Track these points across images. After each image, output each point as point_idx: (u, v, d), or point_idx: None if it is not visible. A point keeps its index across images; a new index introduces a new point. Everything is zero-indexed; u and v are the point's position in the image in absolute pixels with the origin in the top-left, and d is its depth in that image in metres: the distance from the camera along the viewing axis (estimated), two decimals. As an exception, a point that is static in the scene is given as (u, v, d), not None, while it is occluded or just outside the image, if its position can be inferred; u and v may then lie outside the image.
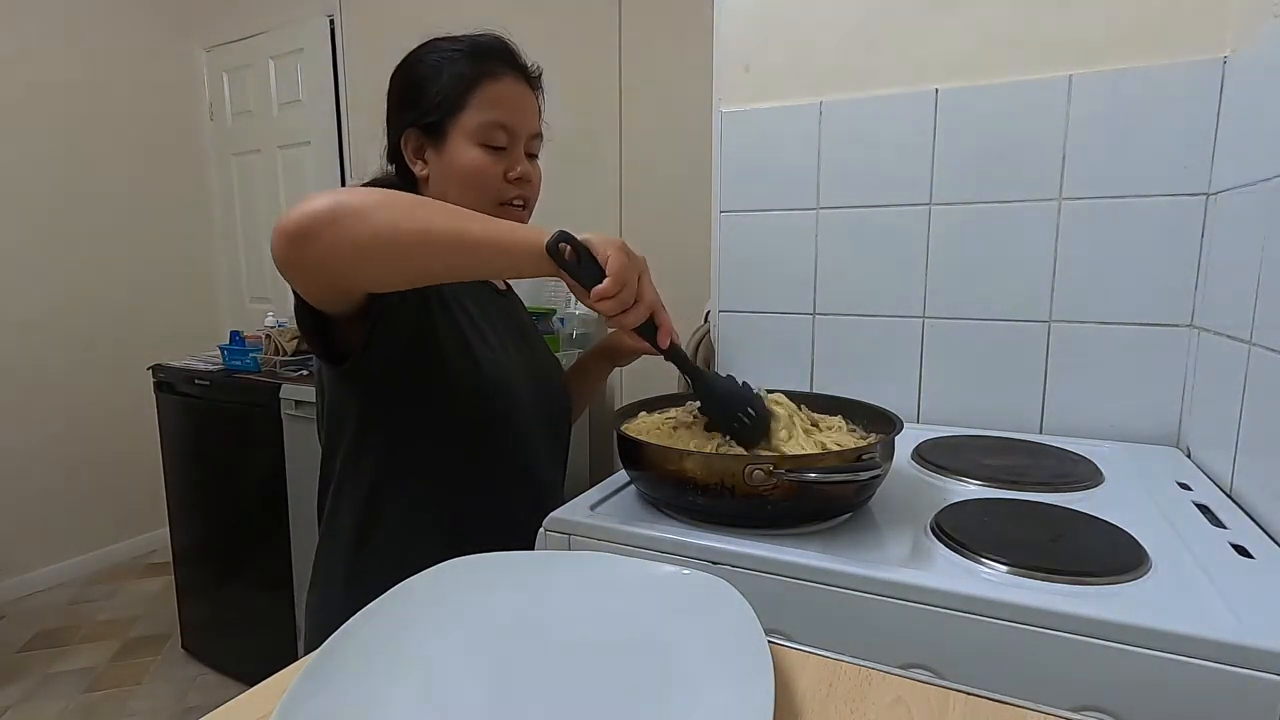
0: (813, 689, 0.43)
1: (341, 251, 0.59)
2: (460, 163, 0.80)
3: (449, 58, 0.81)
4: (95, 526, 2.86)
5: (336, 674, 0.40)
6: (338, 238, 0.58)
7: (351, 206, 0.58)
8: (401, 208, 0.60)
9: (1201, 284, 0.87)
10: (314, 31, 2.66)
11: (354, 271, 0.62)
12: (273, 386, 1.88)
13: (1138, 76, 0.87)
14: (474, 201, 0.79)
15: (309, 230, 0.58)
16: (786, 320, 1.09)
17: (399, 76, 0.84)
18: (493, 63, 0.81)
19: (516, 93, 0.82)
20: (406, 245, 0.59)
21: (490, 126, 0.79)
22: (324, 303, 0.68)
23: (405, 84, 0.83)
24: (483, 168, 0.80)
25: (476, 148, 0.79)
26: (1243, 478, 0.72)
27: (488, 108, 0.79)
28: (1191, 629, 0.45)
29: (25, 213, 2.62)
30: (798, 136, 1.05)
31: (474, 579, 0.51)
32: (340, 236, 0.58)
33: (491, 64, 0.81)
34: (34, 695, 2.06)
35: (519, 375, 0.86)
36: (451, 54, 0.81)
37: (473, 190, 0.80)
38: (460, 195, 0.80)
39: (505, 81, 0.81)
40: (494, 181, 0.81)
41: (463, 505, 0.81)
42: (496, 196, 0.82)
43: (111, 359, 2.85)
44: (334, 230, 0.58)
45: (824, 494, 0.62)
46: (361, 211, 0.58)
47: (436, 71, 0.80)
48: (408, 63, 0.84)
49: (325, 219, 0.58)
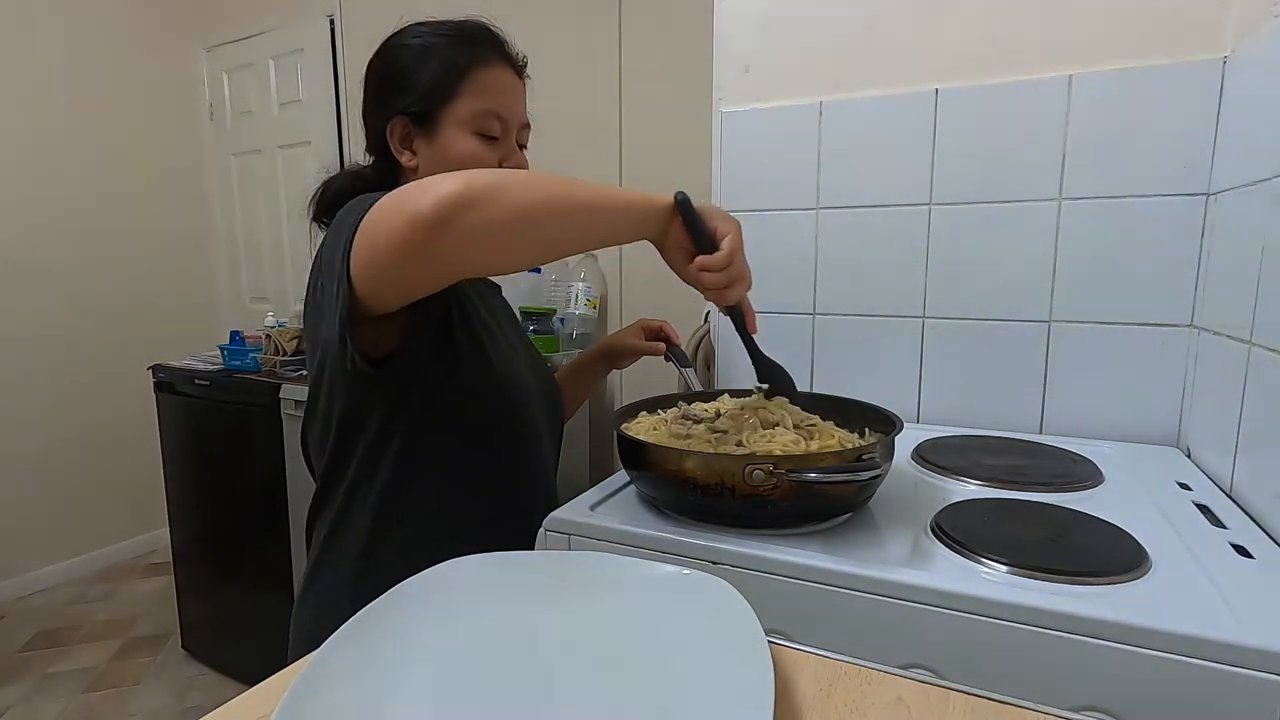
0: (813, 689, 0.43)
1: (487, 231, 0.57)
2: (456, 152, 0.77)
3: (436, 43, 0.78)
4: (95, 526, 2.86)
5: (337, 674, 0.40)
6: (483, 219, 0.56)
7: (481, 186, 0.56)
8: (523, 181, 0.59)
9: (1201, 284, 0.87)
10: (314, 31, 2.66)
11: (491, 253, 0.60)
12: (273, 386, 1.88)
13: (1138, 76, 0.87)
14: None
15: (449, 215, 0.55)
16: (786, 320, 1.09)
17: (380, 63, 0.81)
18: (483, 49, 0.79)
19: (508, 81, 0.80)
20: (548, 216, 0.59)
21: (485, 115, 0.77)
22: (390, 300, 0.65)
23: (389, 71, 0.80)
24: (482, 157, 0.77)
25: (472, 137, 0.77)
26: (1243, 478, 0.72)
27: (482, 96, 0.77)
28: (1191, 629, 0.45)
29: (25, 213, 2.62)
30: (798, 136, 1.05)
31: (474, 579, 0.51)
32: (484, 218, 0.56)
33: (482, 50, 0.78)
34: (34, 695, 2.06)
35: (528, 374, 0.85)
36: (438, 39, 0.78)
37: None
38: None
39: (496, 69, 0.79)
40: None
41: (480, 508, 0.79)
42: None
43: (111, 359, 2.85)
44: (475, 213, 0.55)
45: (824, 494, 0.62)
46: (494, 190, 0.56)
47: (424, 57, 0.77)
48: (388, 48, 0.81)
49: (462, 202, 0.55)
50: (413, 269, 0.60)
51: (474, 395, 0.77)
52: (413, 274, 0.61)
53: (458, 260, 0.60)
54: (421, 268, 0.60)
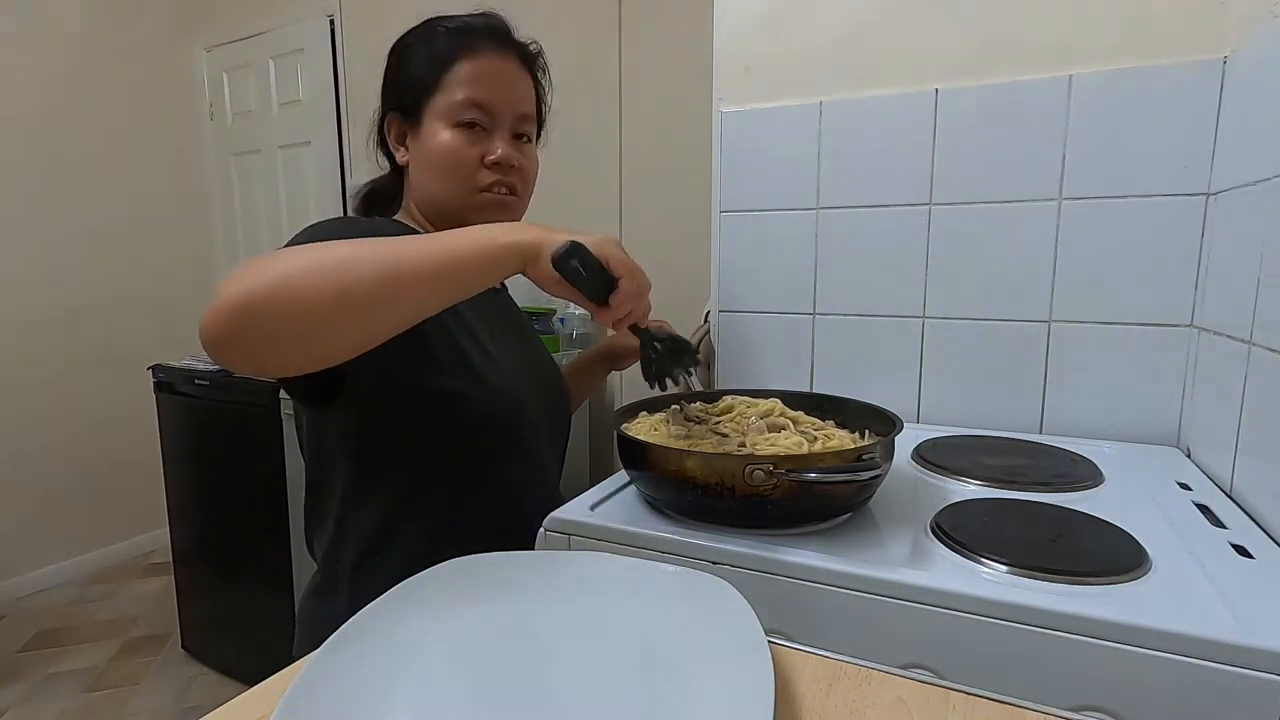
0: (813, 689, 0.43)
1: (287, 332, 0.50)
2: (433, 146, 0.73)
3: (433, 38, 0.76)
4: (95, 526, 2.86)
5: (336, 674, 0.40)
6: (275, 326, 0.49)
7: (264, 285, 0.49)
8: (318, 264, 0.51)
9: (1201, 284, 0.87)
10: (314, 31, 2.66)
11: (307, 350, 0.52)
12: (273, 386, 1.88)
13: (1138, 76, 0.87)
14: (450, 189, 0.74)
15: (235, 330, 0.49)
16: (786, 320, 1.09)
17: (389, 62, 0.80)
18: (475, 39, 0.75)
19: (499, 69, 0.75)
20: (356, 299, 0.51)
21: (463, 105, 0.73)
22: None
23: (388, 68, 0.79)
24: (456, 149, 0.73)
25: (450, 129, 0.73)
26: (1243, 478, 0.72)
27: (463, 86, 0.73)
28: (1191, 629, 0.45)
29: (25, 213, 2.62)
30: (798, 136, 1.05)
31: (474, 579, 0.51)
32: (275, 325, 0.49)
33: (473, 40, 0.75)
34: (34, 695, 2.06)
35: (521, 375, 0.82)
36: (436, 32, 0.76)
37: (446, 175, 0.74)
38: (434, 182, 0.75)
39: (486, 58, 0.74)
40: (468, 165, 0.74)
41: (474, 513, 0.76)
42: (474, 183, 0.75)
43: (111, 359, 2.85)
44: (264, 320, 0.49)
45: (824, 494, 0.62)
46: (278, 287, 0.49)
47: (418, 51, 0.76)
48: (395, 46, 0.80)
49: (244, 310, 0.48)
50: (230, 366, 0.54)
51: (456, 401, 0.73)
52: (236, 368, 0.54)
53: (262, 367, 0.53)
54: (237, 369, 0.54)
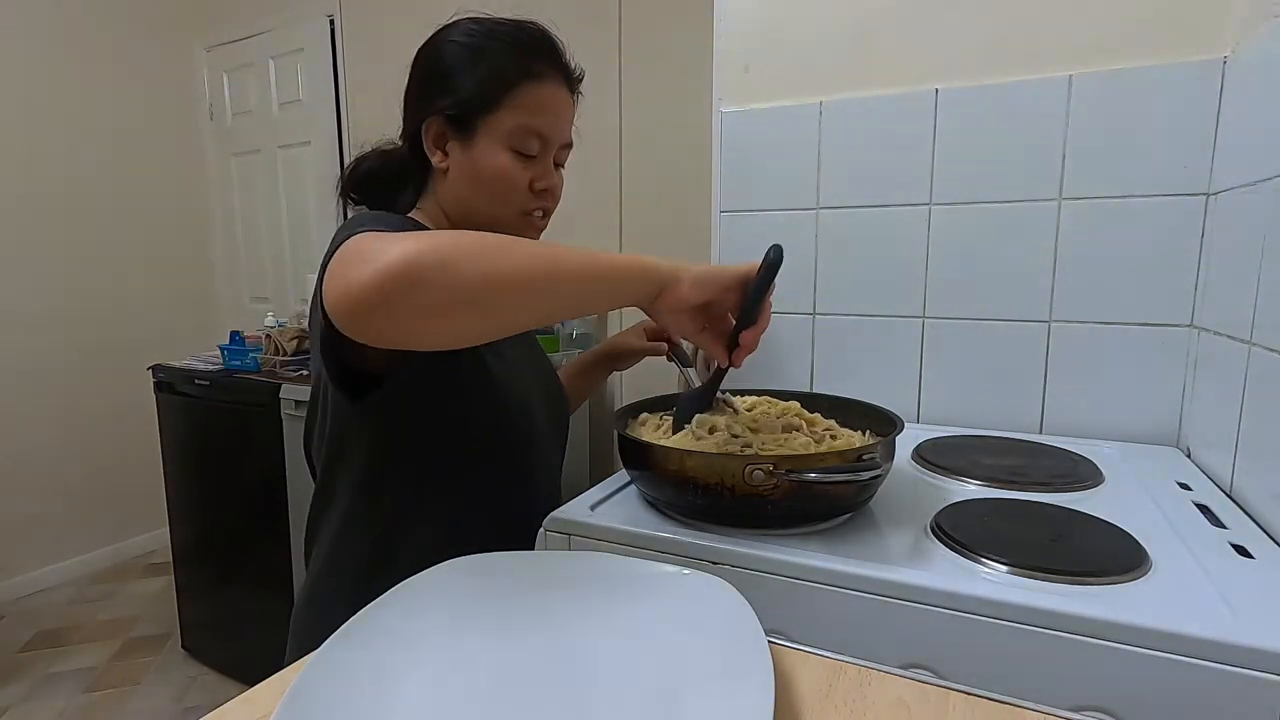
0: (813, 689, 0.43)
1: (433, 310, 0.50)
2: (487, 165, 0.74)
3: (488, 46, 0.74)
4: (95, 526, 2.86)
5: (336, 674, 0.40)
6: (426, 300, 0.49)
7: (430, 260, 0.49)
8: (481, 251, 0.52)
9: (1201, 284, 0.87)
10: (314, 31, 2.66)
11: (444, 330, 0.53)
12: (273, 386, 1.88)
13: (1138, 76, 0.87)
14: (495, 208, 0.75)
15: (388, 296, 0.49)
16: (786, 320, 1.09)
17: (426, 56, 0.77)
18: (538, 61, 0.74)
19: (559, 100, 0.76)
20: (508, 290, 0.53)
21: (525, 132, 0.73)
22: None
23: (434, 67, 0.76)
24: (511, 174, 0.74)
25: (506, 152, 0.73)
26: (1243, 478, 0.72)
27: (526, 112, 0.73)
28: (1191, 629, 0.45)
29: (25, 212, 2.62)
30: (798, 136, 1.05)
31: (473, 578, 0.51)
32: (427, 299, 0.49)
33: (536, 62, 0.74)
34: (34, 695, 2.06)
35: (530, 379, 0.83)
36: (491, 42, 0.74)
37: (495, 196, 0.75)
38: (480, 198, 0.75)
39: (548, 85, 0.74)
40: (519, 191, 0.75)
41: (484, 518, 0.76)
42: (520, 206, 0.76)
43: (111, 359, 2.85)
44: (419, 293, 0.49)
45: (824, 494, 0.62)
46: (444, 265, 0.49)
47: (474, 60, 0.73)
48: (438, 42, 0.76)
49: (405, 279, 0.48)
50: (367, 336, 0.53)
51: (474, 406, 0.74)
52: (371, 338, 0.54)
53: (407, 338, 0.53)
54: (373, 339, 0.53)
